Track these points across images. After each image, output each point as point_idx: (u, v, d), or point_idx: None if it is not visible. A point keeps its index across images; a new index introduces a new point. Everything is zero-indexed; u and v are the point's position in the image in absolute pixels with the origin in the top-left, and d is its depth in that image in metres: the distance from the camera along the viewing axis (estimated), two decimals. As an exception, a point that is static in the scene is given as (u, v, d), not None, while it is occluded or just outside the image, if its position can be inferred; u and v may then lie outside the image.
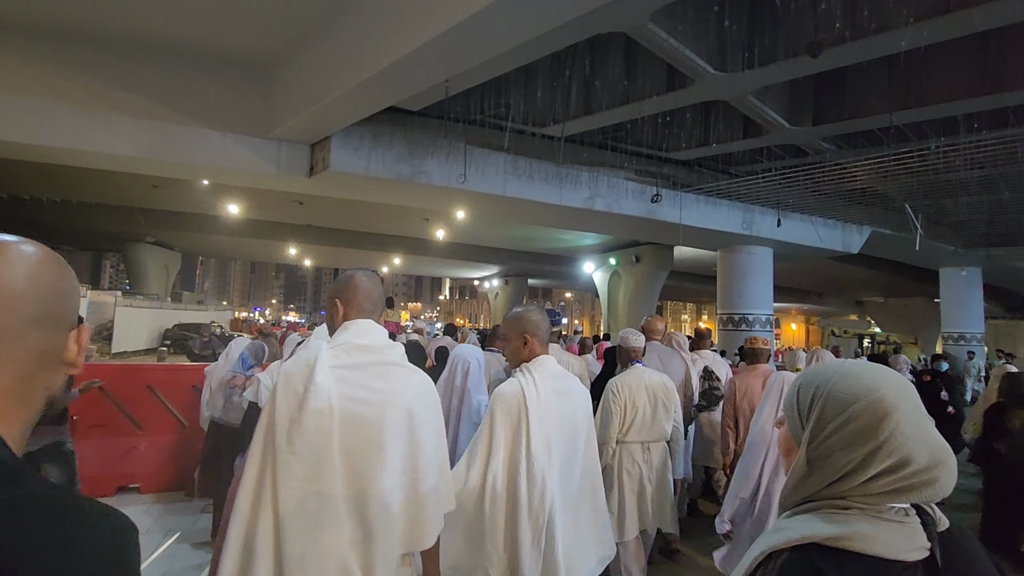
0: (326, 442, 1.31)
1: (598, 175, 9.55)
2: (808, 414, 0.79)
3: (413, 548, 1.41)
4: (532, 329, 1.89)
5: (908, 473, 0.71)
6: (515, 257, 22.37)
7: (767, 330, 11.70)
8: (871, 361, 1.72)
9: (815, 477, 0.76)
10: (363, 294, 1.56)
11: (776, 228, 10.87)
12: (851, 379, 0.77)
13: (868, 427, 0.73)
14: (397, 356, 1.52)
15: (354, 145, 8.48)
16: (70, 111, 7.61)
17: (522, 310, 1.97)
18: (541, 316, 1.94)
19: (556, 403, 1.81)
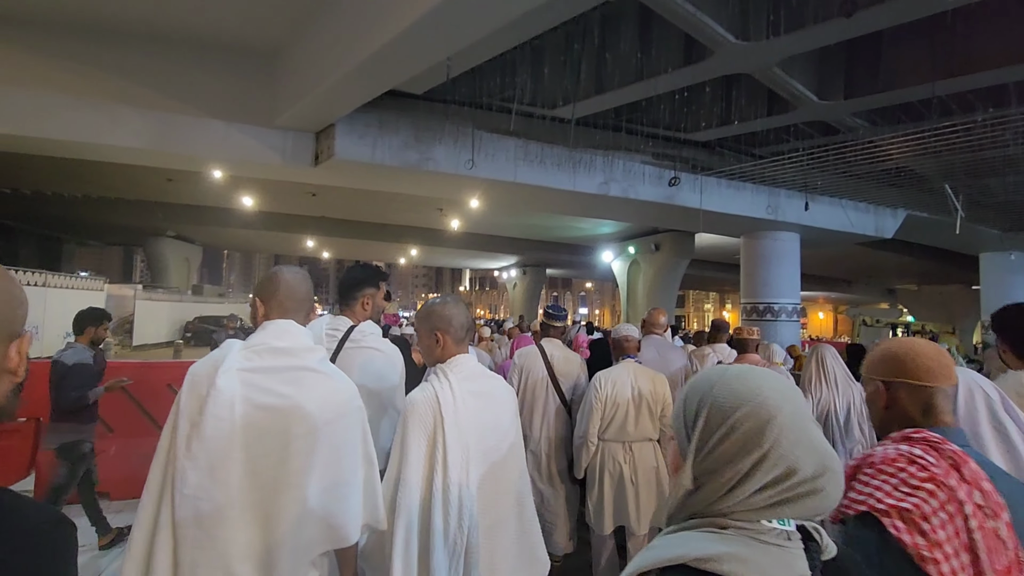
0: (224, 449, 1.27)
1: (613, 159, 9.13)
2: (693, 425, 0.75)
3: (331, 546, 1.36)
4: (443, 325, 1.69)
5: (794, 483, 0.68)
6: (532, 247, 22.08)
7: (794, 319, 11.16)
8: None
9: (702, 493, 0.72)
10: (285, 292, 1.50)
11: (803, 212, 10.31)
12: (733, 384, 0.74)
13: (752, 434, 0.70)
14: (315, 360, 1.43)
15: (359, 132, 8.25)
16: (76, 104, 7.62)
17: (434, 302, 1.76)
18: (456, 309, 1.72)
19: (475, 408, 1.63)
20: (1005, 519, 0.99)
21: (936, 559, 0.94)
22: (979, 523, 0.97)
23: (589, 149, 8.97)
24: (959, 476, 1.01)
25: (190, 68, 7.81)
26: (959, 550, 0.95)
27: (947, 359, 1.17)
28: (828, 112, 7.24)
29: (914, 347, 1.19)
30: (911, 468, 1.03)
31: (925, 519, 0.97)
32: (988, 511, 0.99)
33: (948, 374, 1.16)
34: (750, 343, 3.40)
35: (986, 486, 1.02)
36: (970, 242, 13.83)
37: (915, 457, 1.04)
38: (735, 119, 7.61)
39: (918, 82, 6.04)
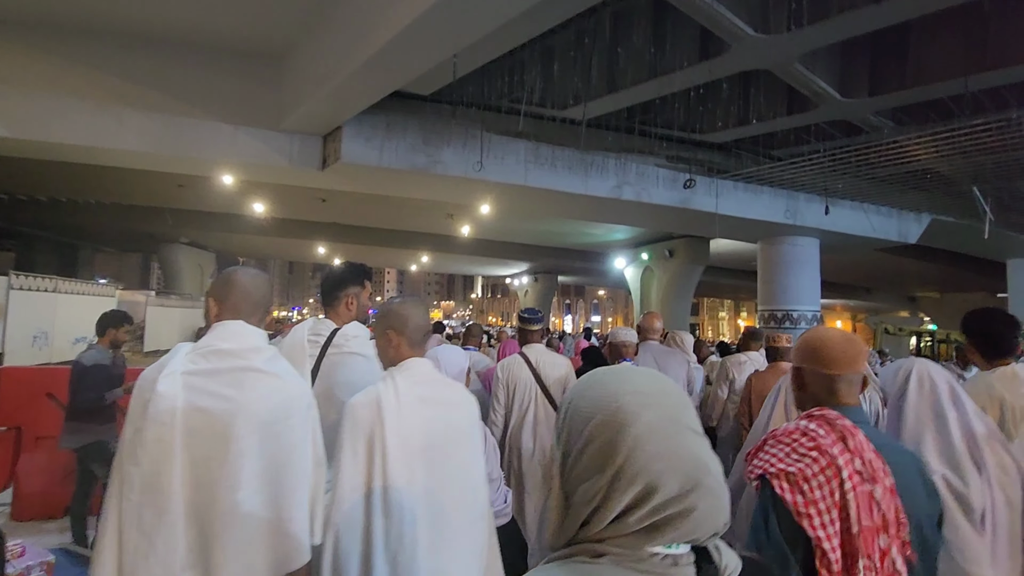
0: (166, 453, 1.26)
1: (626, 162, 8.90)
2: (558, 437, 0.69)
3: (279, 571, 1.29)
4: (398, 325, 1.59)
5: (658, 504, 0.60)
6: (544, 253, 21.87)
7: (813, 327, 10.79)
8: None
9: (571, 516, 0.65)
10: (238, 294, 1.47)
11: (823, 216, 9.96)
12: (596, 388, 0.67)
13: (605, 446, 0.62)
14: (262, 361, 1.38)
15: (366, 135, 8.12)
16: (82, 107, 7.64)
17: (391, 301, 1.69)
18: (413, 309, 1.63)
19: (424, 414, 1.51)
20: (886, 484, 1.14)
21: (810, 515, 1.10)
22: (853, 486, 1.11)
23: (601, 151, 8.76)
24: (844, 446, 1.15)
25: (197, 71, 7.79)
26: (831, 507, 1.10)
27: (854, 350, 1.31)
28: (851, 110, 6.95)
29: (824, 338, 1.34)
30: (803, 439, 1.19)
31: (806, 481, 1.12)
32: (866, 476, 1.13)
33: (850, 364, 1.30)
34: (782, 351, 3.23)
35: (868, 456, 1.15)
36: (997, 248, 13.33)
37: (808, 430, 1.20)
38: (753, 118, 7.34)
39: (949, 77, 5.72)
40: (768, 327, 11.02)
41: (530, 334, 3.22)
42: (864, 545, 1.09)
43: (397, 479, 1.41)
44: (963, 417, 1.58)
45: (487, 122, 8.30)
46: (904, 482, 1.18)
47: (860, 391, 1.33)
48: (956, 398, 1.60)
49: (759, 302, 11.38)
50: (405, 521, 1.40)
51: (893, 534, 1.12)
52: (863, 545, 1.09)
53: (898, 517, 1.14)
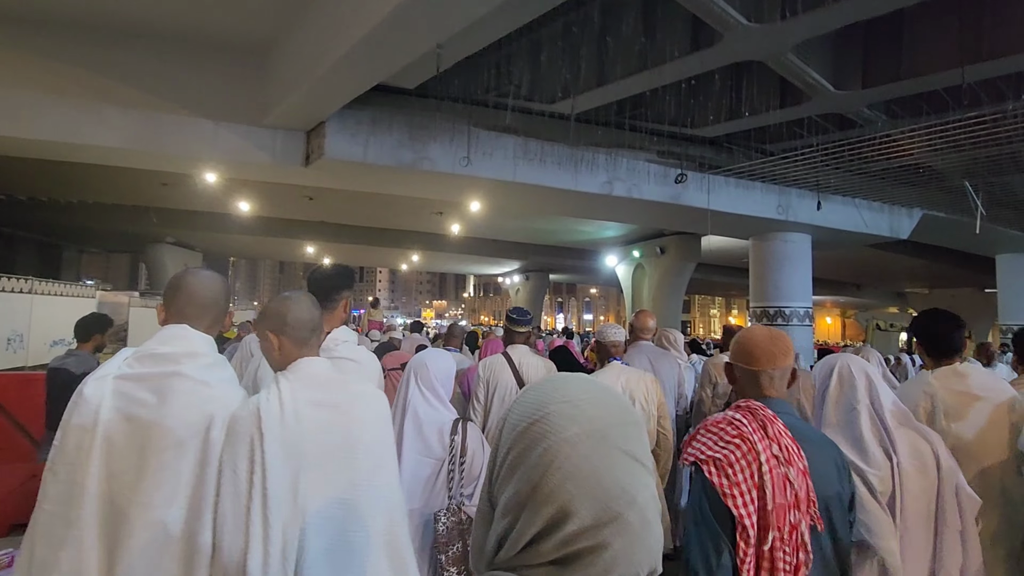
0: (83, 462, 1.20)
1: (617, 157, 8.76)
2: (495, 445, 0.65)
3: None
4: (275, 324, 1.44)
5: (569, 534, 0.53)
6: (535, 251, 21.74)
7: (806, 324, 10.71)
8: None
9: (491, 536, 0.60)
10: (184, 297, 1.43)
11: (815, 212, 9.89)
12: (531, 394, 0.62)
13: (524, 458, 0.57)
14: (194, 367, 1.31)
15: (351, 131, 7.93)
16: (59, 103, 7.48)
17: (272, 299, 1.56)
18: (292, 304, 1.47)
19: (318, 422, 1.33)
20: (800, 466, 1.26)
21: (734, 495, 1.22)
22: (770, 468, 1.24)
23: (592, 147, 8.61)
24: (764, 434, 1.28)
25: (176, 65, 7.61)
26: (751, 488, 1.23)
27: (776, 348, 1.43)
28: (844, 103, 6.84)
29: (750, 337, 1.48)
30: (728, 428, 1.31)
31: (730, 466, 1.24)
32: (782, 460, 1.25)
33: (771, 360, 1.42)
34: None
35: (785, 441, 1.27)
36: (987, 243, 13.35)
37: (733, 420, 1.32)
38: (745, 112, 7.21)
39: (944, 68, 5.61)
40: (759, 324, 10.94)
41: (516, 335, 3.13)
42: (776, 520, 1.23)
43: (280, 494, 1.23)
44: (876, 407, 1.70)
45: (475, 117, 8.13)
46: (817, 465, 1.32)
47: (788, 384, 1.47)
48: (872, 389, 1.71)
49: (751, 299, 11.29)
50: (290, 550, 1.22)
51: (803, 510, 1.26)
52: (775, 520, 1.23)
53: (809, 496, 1.27)
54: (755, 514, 1.23)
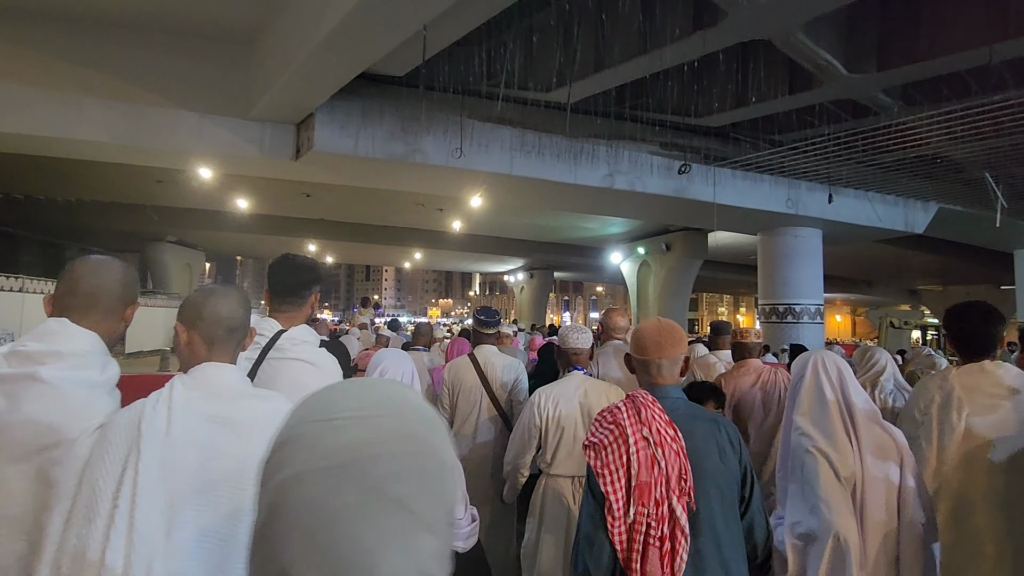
0: None
1: (618, 149, 8.41)
2: None
3: None
4: (190, 316, 1.24)
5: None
6: (539, 249, 21.41)
7: (817, 321, 10.33)
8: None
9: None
10: (64, 287, 1.29)
11: (826, 206, 9.49)
12: (297, 408, 0.50)
13: (259, 501, 0.45)
14: (55, 370, 1.16)
15: (340, 122, 7.64)
16: (42, 96, 7.33)
17: (200, 288, 1.38)
18: (214, 298, 1.26)
19: (209, 439, 1.10)
20: (673, 447, 1.38)
21: (603, 475, 1.38)
22: (637, 450, 1.38)
23: (592, 139, 8.27)
24: (637, 418, 1.42)
25: (160, 56, 7.38)
26: (619, 468, 1.38)
27: (662, 339, 1.55)
28: (858, 87, 6.44)
29: (641, 330, 1.62)
30: (607, 416, 1.48)
31: (603, 448, 1.41)
32: (652, 441, 1.38)
33: (659, 350, 1.55)
34: (753, 347, 2.96)
35: (658, 424, 1.40)
36: (1005, 238, 12.86)
37: (614, 408, 1.50)
38: (752, 98, 6.83)
39: (965, 48, 5.21)
40: (769, 322, 10.55)
41: (485, 336, 3.04)
42: (638, 494, 1.33)
43: (150, 526, 1.00)
44: (845, 398, 1.78)
45: (469, 108, 7.82)
46: (696, 445, 1.40)
47: (681, 373, 1.56)
48: (842, 382, 1.79)
49: (759, 296, 10.91)
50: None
51: (673, 487, 1.34)
52: (637, 495, 1.33)
53: (682, 474, 1.35)
54: (621, 491, 1.35)
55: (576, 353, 2.47)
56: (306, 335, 1.76)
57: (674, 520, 1.32)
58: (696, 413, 1.51)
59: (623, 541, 1.33)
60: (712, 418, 1.52)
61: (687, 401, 1.54)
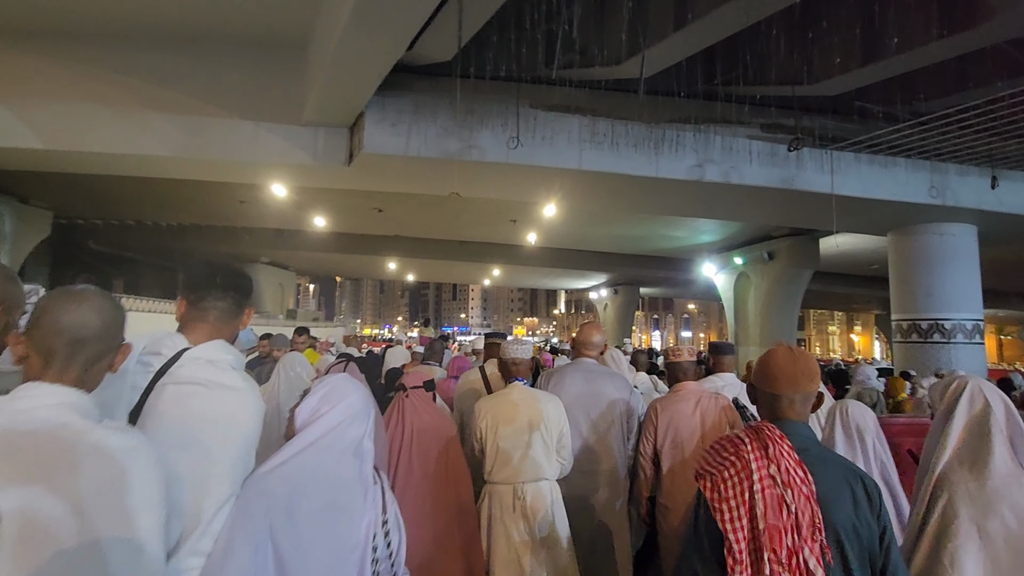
0: None
1: (708, 135, 7.12)
2: None
3: None
4: (27, 326, 1.06)
5: None
6: (622, 263, 20.06)
7: (975, 341, 8.19)
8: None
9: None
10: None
11: (985, 194, 7.54)
12: None
13: None
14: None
15: (391, 120, 7.06)
16: (105, 113, 7.56)
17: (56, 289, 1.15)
18: (63, 303, 1.06)
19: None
20: (803, 491, 1.22)
21: (721, 510, 1.24)
22: (762, 488, 1.22)
23: (675, 123, 7.06)
24: (764, 454, 1.26)
25: (216, 66, 7.39)
26: (740, 505, 1.23)
27: (794, 371, 1.38)
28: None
29: (769, 360, 1.43)
30: (729, 446, 1.33)
31: (723, 482, 1.26)
32: (780, 481, 1.23)
33: (790, 384, 1.38)
34: (687, 369, 2.75)
35: (786, 463, 1.24)
36: None
37: (735, 438, 1.34)
38: (885, 51, 5.29)
39: None
40: (908, 342, 8.54)
41: (496, 348, 3.08)
42: (768, 540, 1.20)
43: None
44: (1014, 437, 1.51)
45: (529, 96, 6.96)
46: (827, 491, 1.24)
47: (812, 408, 1.39)
48: (1010, 418, 1.51)
49: (893, 310, 8.92)
50: None
51: (806, 536, 1.20)
52: (767, 540, 1.20)
53: (813, 521, 1.21)
54: (744, 531, 1.21)
55: (515, 364, 2.52)
56: (217, 352, 1.43)
57: (809, 574, 1.15)
58: (829, 457, 1.34)
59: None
60: (849, 466, 1.33)
61: (818, 442, 1.36)
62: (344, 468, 1.41)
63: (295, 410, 1.45)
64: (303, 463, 1.36)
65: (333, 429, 1.40)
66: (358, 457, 1.43)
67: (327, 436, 1.40)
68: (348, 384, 1.51)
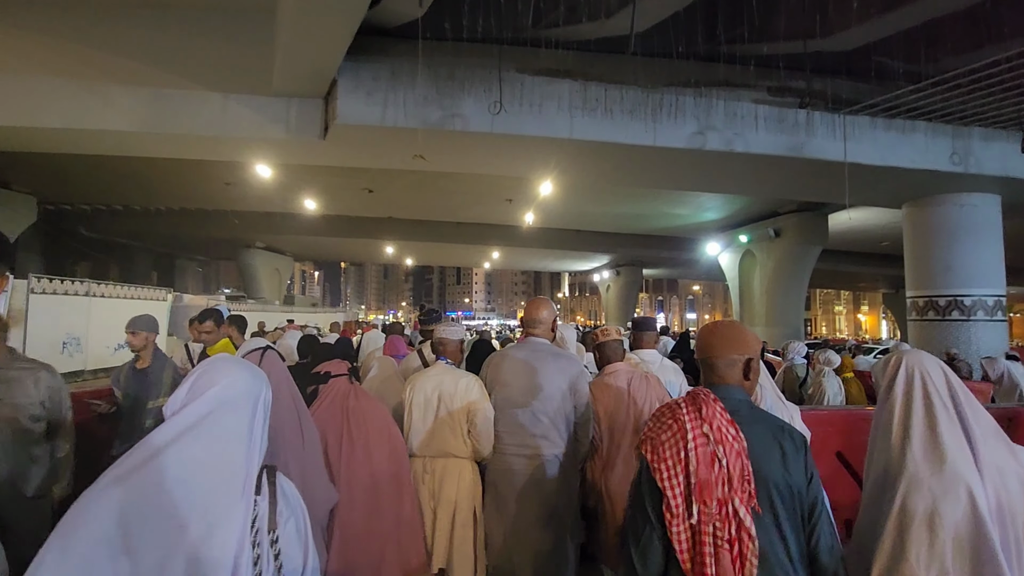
0: None
1: (710, 99, 6.57)
2: None
3: None
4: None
5: None
6: (624, 242, 19.53)
7: (997, 318, 7.67)
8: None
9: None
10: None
11: (1009, 161, 6.99)
12: None
13: None
14: None
15: (367, 88, 6.54)
16: (68, 87, 7.09)
17: None
18: None
19: None
20: (735, 447, 1.27)
21: (660, 470, 1.29)
22: (696, 446, 1.28)
23: (674, 87, 6.50)
24: (698, 415, 1.32)
25: (181, 35, 6.80)
26: (676, 463, 1.28)
27: (717, 338, 1.46)
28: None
29: (702, 331, 1.54)
30: (667, 411, 1.39)
31: (661, 444, 1.31)
32: (711, 439, 1.28)
33: (721, 349, 1.44)
34: (611, 348, 2.64)
35: (719, 422, 1.30)
36: None
37: (673, 404, 1.40)
38: None
39: None
40: (924, 319, 8.04)
41: (429, 333, 3.33)
42: (699, 492, 1.25)
43: None
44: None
45: (515, 59, 6.40)
46: (758, 449, 1.29)
47: (739, 371, 1.43)
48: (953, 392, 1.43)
49: (908, 287, 8.40)
50: None
51: (736, 487, 1.25)
52: (699, 492, 1.25)
53: (743, 474, 1.25)
54: (680, 487, 1.26)
55: (442, 344, 2.63)
56: None
57: (739, 521, 1.22)
58: (759, 416, 1.40)
59: (684, 541, 1.25)
60: (777, 423, 1.38)
61: (751, 404, 1.42)
62: (210, 470, 1.06)
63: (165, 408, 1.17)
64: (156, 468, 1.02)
65: (199, 422, 1.08)
66: (235, 454, 1.09)
67: (190, 431, 1.07)
68: (224, 367, 1.15)
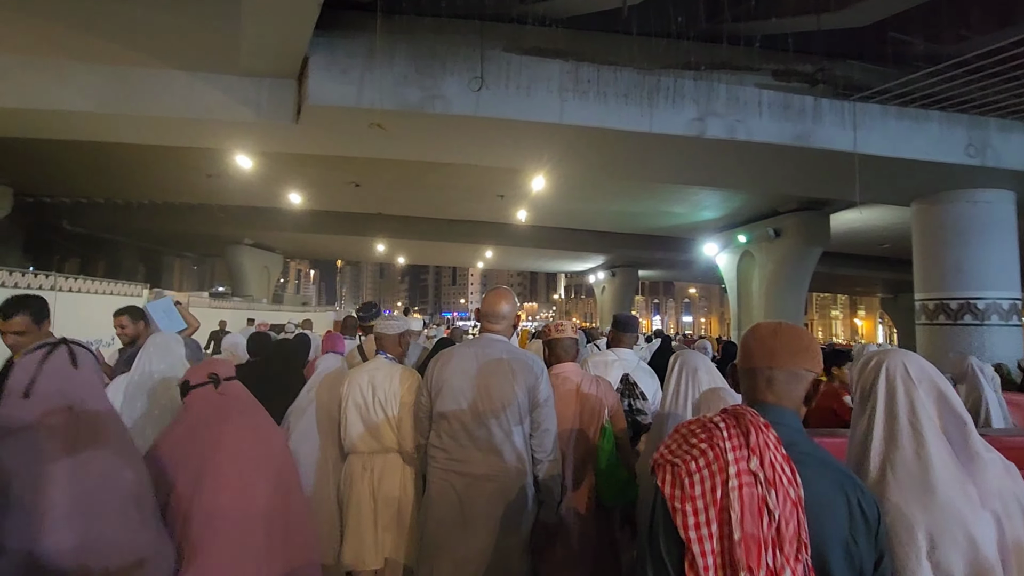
0: None
1: (712, 83, 6.11)
2: None
3: None
4: None
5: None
6: (620, 243, 19.11)
7: (1012, 323, 7.23)
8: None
9: None
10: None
11: (1030, 153, 6.54)
12: None
13: None
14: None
15: (341, 66, 6.07)
16: (15, 62, 6.65)
17: None
18: None
19: None
20: (791, 494, 0.95)
21: (684, 511, 0.95)
22: (739, 485, 0.94)
23: (673, 69, 6.05)
24: (744, 443, 0.99)
25: (142, 7, 6.18)
26: (709, 506, 0.95)
27: (775, 343, 1.13)
28: None
29: (750, 331, 1.20)
30: (699, 431, 1.04)
31: (688, 475, 0.97)
32: (762, 479, 0.96)
33: (769, 357, 1.14)
34: (564, 346, 2.46)
35: (772, 456, 0.97)
36: None
37: (708, 423, 1.05)
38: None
39: None
40: (934, 324, 7.59)
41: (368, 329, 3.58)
42: (745, 556, 0.90)
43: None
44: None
45: (502, 37, 5.94)
46: (817, 500, 0.98)
47: (802, 391, 1.11)
48: (943, 404, 1.23)
49: (917, 289, 7.95)
50: None
51: (788, 553, 0.92)
52: (743, 555, 0.90)
53: (799, 535, 0.93)
54: (712, 541, 0.92)
55: (380, 338, 2.60)
56: None
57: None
58: (822, 456, 1.04)
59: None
60: (847, 471, 1.05)
61: (808, 437, 1.06)
62: None
63: None
64: None
65: None
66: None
67: None
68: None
